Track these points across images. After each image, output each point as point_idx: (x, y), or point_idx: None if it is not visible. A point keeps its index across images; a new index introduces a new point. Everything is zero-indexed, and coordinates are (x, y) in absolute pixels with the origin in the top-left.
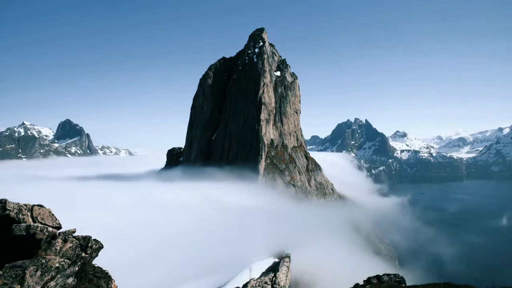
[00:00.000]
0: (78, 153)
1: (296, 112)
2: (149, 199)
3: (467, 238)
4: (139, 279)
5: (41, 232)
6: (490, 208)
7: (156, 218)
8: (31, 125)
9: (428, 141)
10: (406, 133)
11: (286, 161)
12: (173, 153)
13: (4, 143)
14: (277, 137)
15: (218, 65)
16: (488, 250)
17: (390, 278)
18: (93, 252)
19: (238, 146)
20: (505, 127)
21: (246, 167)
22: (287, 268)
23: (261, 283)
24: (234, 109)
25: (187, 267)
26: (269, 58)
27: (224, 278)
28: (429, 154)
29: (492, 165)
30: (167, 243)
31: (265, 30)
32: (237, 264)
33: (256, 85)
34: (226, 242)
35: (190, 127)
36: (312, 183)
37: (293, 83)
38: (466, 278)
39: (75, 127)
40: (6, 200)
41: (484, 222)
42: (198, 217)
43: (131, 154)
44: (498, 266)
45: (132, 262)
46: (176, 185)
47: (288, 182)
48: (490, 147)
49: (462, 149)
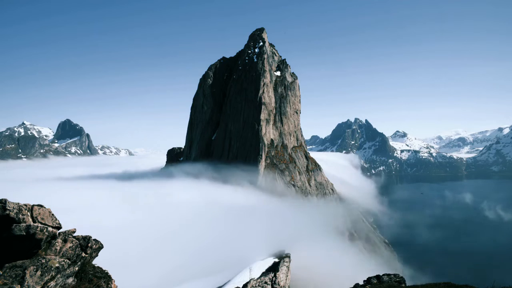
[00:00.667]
0: (78, 153)
1: (296, 112)
2: (149, 199)
3: (467, 238)
4: (139, 279)
5: (41, 232)
6: (490, 208)
7: (156, 218)
8: (31, 125)
9: (428, 141)
10: (406, 133)
11: (286, 161)
12: (173, 153)
13: (4, 143)
14: (277, 137)
15: (218, 65)
16: (488, 250)
17: (390, 278)
18: (93, 252)
19: (238, 146)
20: (505, 127)
21: (246, 167)
22: (287, 268)
23: (261, 283)
24: (234, 109)
25: (187, 267)
26: (269, 58)
27: (224, 278)
28: (429, 154)
29: (492, 165)
30: (167, 243)
31: (265, 30)
32: (237, 264)
33: (256, 85)
34: (226, 242)
35: (190, 127)
36: (312, 183)
37: (293, 83)
38: (466, 278)
39: (75, 127)
40: (6, 200)
41: (484, 222)
42: (198, 217)
43: (131, 154)
44: (498, 266)
45: (132, 262)
46: (176, 185)
47: (288, 182)
48: (490, 147)
49: (462, 149)
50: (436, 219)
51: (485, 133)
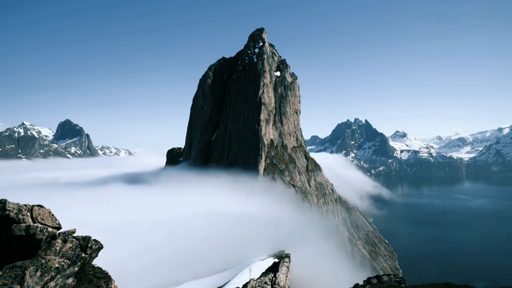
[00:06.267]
0: (77, 153)
1: (296, 112)
2: (149, 199)
3: (466, 238)
4: (139, 279)
5: (41, 232)
6: (490, 208)
7: (155, 219)
8: (31, 125)
9: (428, 141)
10: (406, 133)
11: (286, 161)
12: (173, 153)
13: (4, 143)
14: (277, 137)
15: (218, 65)
16: (488, 250)
17: (390, 278)
18: (92, 252)
19: (238, 146)
20: (505, 127)
21: (246, 167)
22: (287, 268)
23: (261, 283)
24: (234, 109)
25: (187, 267)
26: (269, 58)
27: (224, 278)
28: (429, 154)
29: (492, 165)
30: (167, 244)
31: (265, 30)
32: (237, 264)
33: (256, 85)
34: (226, 243)
35: (190, 127)
36: (312, 183)
37: (293, 83)
38: (466, 278)
39: (74, 127)
40: (5, 200)
41: (484, 222)
42: (198, 217)
43: (131, 154)
44: (498, 266)
45: (132, 262)
46: (175, 186)
47: (288, 182)
48: (490, 147)
49: (462, 149)
50: (436, 219)
51: (485, 133)
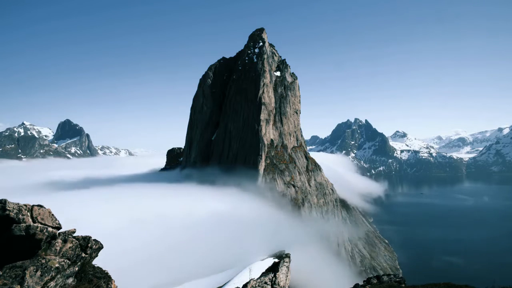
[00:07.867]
0: (78, 153)
1: (296, 112)
2: (149, 200)
3: (467, 238)
4: (139, 279)
5: (41, 232)
6: (490, 208)
7: (155, 219)
8: (31, 125)
9: (428, 141)
10: (406, 133)
11: (286, 161)
12: (173, 153)
13: (4, 143)
14: (277, 137)
15: (218, 65)
16: (488, 250)
17: (390, 278)
18: (93, 252)
19: (238, 147)
20: (505, 127)
21: (246, 167)
22: (287, 268)
23: (261, 283)
24: (234, 109)
25: (187, 267)
26: (269, 58)
27: (224, 278)
28: (429, 154)
29: (492, 165)
30: (167, 244)
31: (265, 30)
32: (237, 264)
33: (256, 85)
34: (226, 243)
35: (190, 127)
36: (312, 183)
37: (293, 83)
38: (466, 278)
39: (75, 127)
40: (6, 200)
41: (484, 222)
42: (198, 218)
43: (131, 154)
44: (498, 266)
45: (132, 262)
46: (175, 186)
47: (288, 182)
48: (490, 147)
49: (462, 149)
50: (436, 219)
51: (485, 133)
